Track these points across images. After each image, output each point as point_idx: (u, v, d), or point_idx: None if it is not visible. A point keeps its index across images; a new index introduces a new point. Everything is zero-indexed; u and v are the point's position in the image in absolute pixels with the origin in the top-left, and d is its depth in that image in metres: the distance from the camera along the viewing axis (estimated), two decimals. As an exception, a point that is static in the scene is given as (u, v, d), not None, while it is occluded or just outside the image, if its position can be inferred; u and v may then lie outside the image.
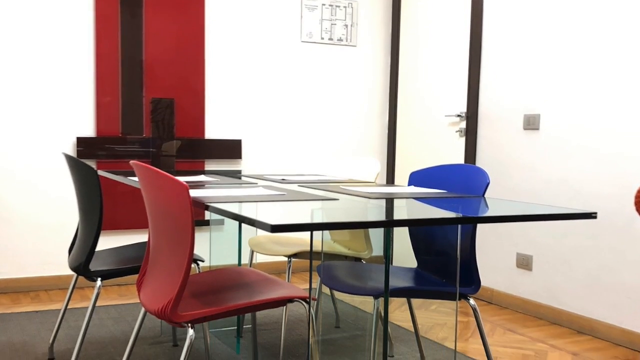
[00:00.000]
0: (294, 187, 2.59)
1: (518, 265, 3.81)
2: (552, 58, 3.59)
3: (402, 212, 1.86)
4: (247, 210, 1.76)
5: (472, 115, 4.12)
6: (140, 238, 4.29)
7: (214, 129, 4.47)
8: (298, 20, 4.69)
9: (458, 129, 4.28)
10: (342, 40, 4.85)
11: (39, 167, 4.01)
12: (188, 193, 1.74)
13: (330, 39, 4.81)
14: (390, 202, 2.13)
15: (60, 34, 4.02)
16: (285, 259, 4.69)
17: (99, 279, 2.45)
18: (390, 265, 2.62)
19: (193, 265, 2.56)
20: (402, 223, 1.69)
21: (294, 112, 4.73)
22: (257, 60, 4.58)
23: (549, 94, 3.60)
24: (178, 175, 3.00)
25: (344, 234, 3.15)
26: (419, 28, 4.66)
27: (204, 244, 4.43)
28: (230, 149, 4.50)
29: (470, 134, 4.12)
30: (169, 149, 4.30)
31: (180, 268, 1.83)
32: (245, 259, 3.79)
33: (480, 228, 4.05)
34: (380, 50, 4.99)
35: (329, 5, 4.78)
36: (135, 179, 2.61)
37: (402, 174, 4.87)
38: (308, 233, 4.06)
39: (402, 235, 4.68)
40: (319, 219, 1.63)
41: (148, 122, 4.24)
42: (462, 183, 2.58)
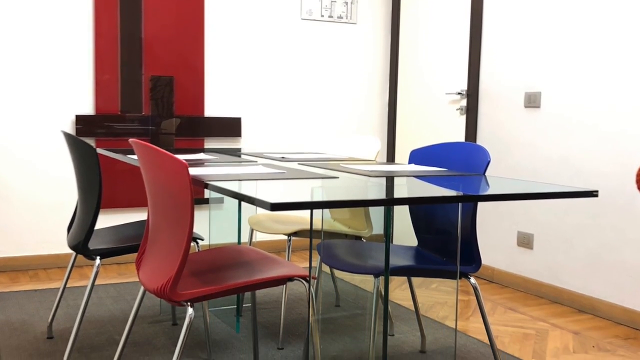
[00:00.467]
0: (294, 165, 2.57)
1: (519, 244, 3.80)
2: (553, 36, 3.55)
3: (402, 190, 1.85)
4: (246, 189, 1.74)
5: (472, 93, 4.09)
6: (140, 216, 4.28)
7: (214, 107, 4.44)
8: (298, -3, 4.65)
9: (459, 107, 4.25)
10: (342, 18, 4.80)
11: (38, 145, 3.99)
12: (187, 171, 1.73)
13: (330, 17, 4.76)
14: (391, 180, 2.11)
15: (59, 12, 3.97)
16: (285, 238, 4.69)
17: (98, 258, 2.44)
18: (391, 244, 2.61)
19: (192, 244, 2.55)
20: (402, 201, 1.68)
21: (294, 90, 4.70)
22: (256, 38, 4.54)
23: (550, 72, 3.57)
24: (177, 154, 2.98)
25: (344, 213, 3.14)
26: (420, 5, 4.61)
27: (204, 223, 4.42)
28: (230, 127, 4.47)
29: (471, 112, 4.10)
30: (168, 127, 4.27)
31: (180, 246, 1.81)
32: (245, 238, 3.79)
33: (481, 206, 4.04)
34: (381, 28, 4.95)
35: (329, -18, 4.72)
36: (135, 157, 2.60)
37: (402, 152, 4.85)
38: (308, 211, 4.05)
39: (402, 214, 4.67)
40: (319, 197, 1.62)
41: (147, 100, 4.21)
42: (462, 161, 2.56)
